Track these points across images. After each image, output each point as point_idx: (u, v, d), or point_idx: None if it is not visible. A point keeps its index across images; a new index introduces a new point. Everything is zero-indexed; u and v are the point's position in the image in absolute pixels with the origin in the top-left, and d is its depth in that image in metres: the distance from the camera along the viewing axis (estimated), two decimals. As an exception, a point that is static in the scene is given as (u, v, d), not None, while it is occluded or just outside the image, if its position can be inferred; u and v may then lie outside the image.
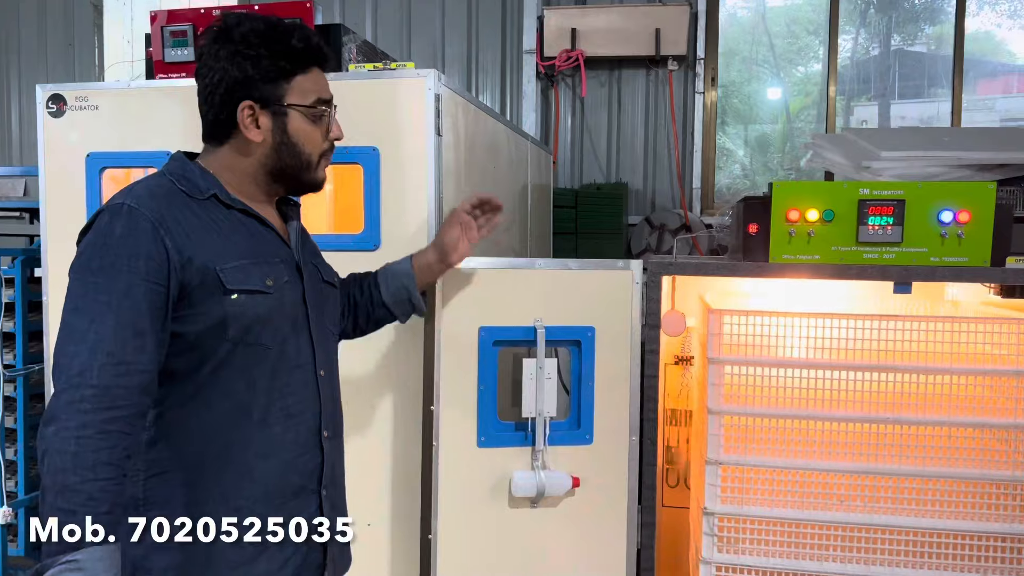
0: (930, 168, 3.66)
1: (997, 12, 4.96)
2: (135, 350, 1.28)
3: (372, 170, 2.20)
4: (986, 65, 5.06)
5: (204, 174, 1.45)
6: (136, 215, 1.33)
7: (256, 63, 1.42)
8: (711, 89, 4.89)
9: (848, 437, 2.20)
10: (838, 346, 2.20)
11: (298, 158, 1.49)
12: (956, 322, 2.22)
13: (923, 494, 2.18)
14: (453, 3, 5.10)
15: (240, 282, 1.39)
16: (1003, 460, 2.15)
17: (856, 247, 2.05)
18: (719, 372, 2.21)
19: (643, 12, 4.68)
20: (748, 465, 2.20)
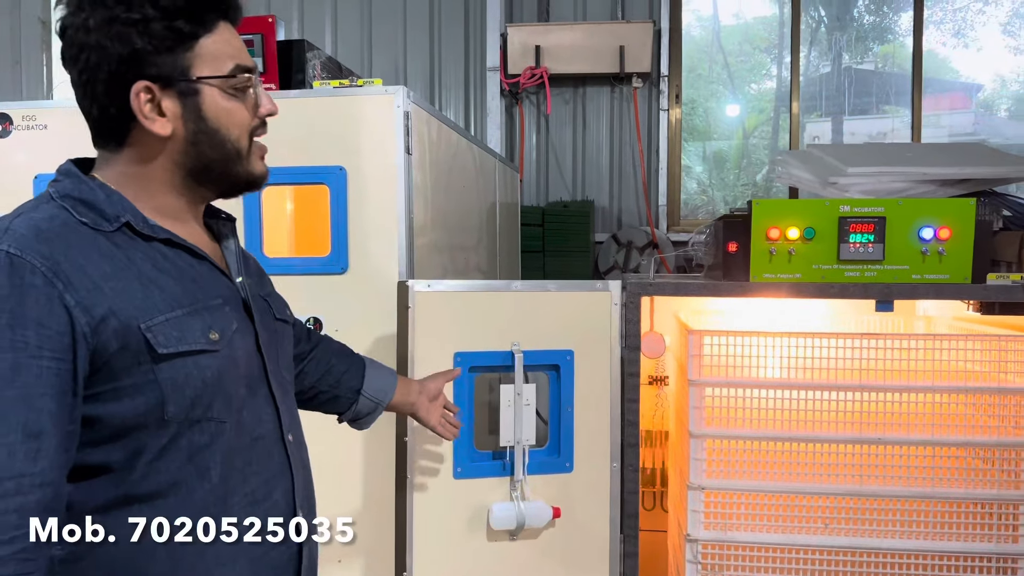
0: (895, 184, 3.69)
1: (942, 31, 5.08)
2: (27, 458, 0.92)
3: (339, 190, 2.12)
4: (933, 82, 5.17)
5: (108, 194, 1.07)
6: (19, 266, 0.95)
7: (143, 28, 1.04)
8: (675, 106, 4.90)
9: (832, 458, 2.16)
10: (818, 365, 2.16)
11: (223, 148, 1.11)
12: (937, 339, 2.20)
13: (908, 515, 2.15)
14: (415, 20, 5.04)
15: (176, 341, 1.04)
16: (987, 479, 2.12)
17: (838, 265, 2.02)
18: (700, 394, 2.16)
19: (607, 29, 4.67)
20: (731, 490, 2.15)
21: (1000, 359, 2.12)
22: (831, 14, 5.18)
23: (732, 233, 2.08)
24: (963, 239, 1.98)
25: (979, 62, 5.00)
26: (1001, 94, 5.03)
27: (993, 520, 2.11)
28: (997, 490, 2.09)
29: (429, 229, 2.34)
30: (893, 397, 2.14)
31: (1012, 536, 2.09)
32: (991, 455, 2.12)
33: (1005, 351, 2.11)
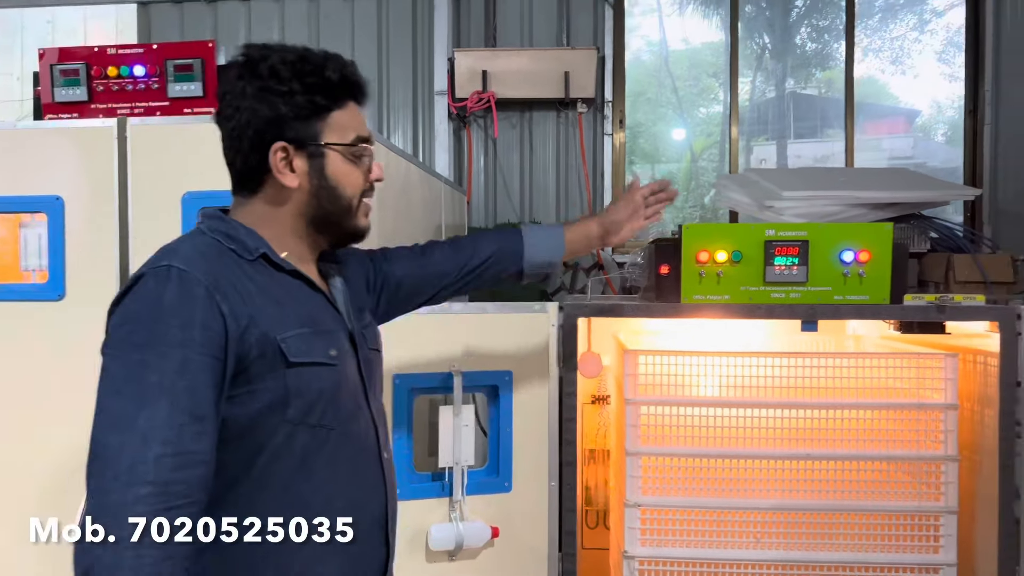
0: (828, 207, 3.82)
1: (880, 59, 5.28)
2: (194, 437, 1.09)
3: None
4: (873, 108, 5.36)
5: (250, 232, 1.27)
6: (187, 278, 1.15)
7: (288, 99, 1.25)
8: (619, 131, 5.00)
9: (764, 474, 2.23)
10: (751, 384, 2.23)
11: (339, 203, 1.31)
12: (861, 358, 2.30)
13: (837, 528, 2.22)
14: (362, 43, 5.07)
15: (304, 353, 1.22)
16: (909, 491, 2.21)
17: (764, 287, 2.10)
18: (636, 413, 2.21)
19: (552, 56, 4.75)
20: (667, 506, 2.20)
21: (919, 376, 2.22)
22: (775, 41, 5.36)
23: (664, 256, 2.15)
24: (881, 262, 2.07)
25: (916, 89, 5.20)
26: (937, 119, 5.23)
27: (916, 531, 2.20)
28: (919, 502, 2.17)
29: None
30: (820, 414, 2.22)
31: (934, 547, 2.17)
32: (913, 468, 2.21)
33: (924, 368, 2.21)
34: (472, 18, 5.00)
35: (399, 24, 5.06)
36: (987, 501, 2.14)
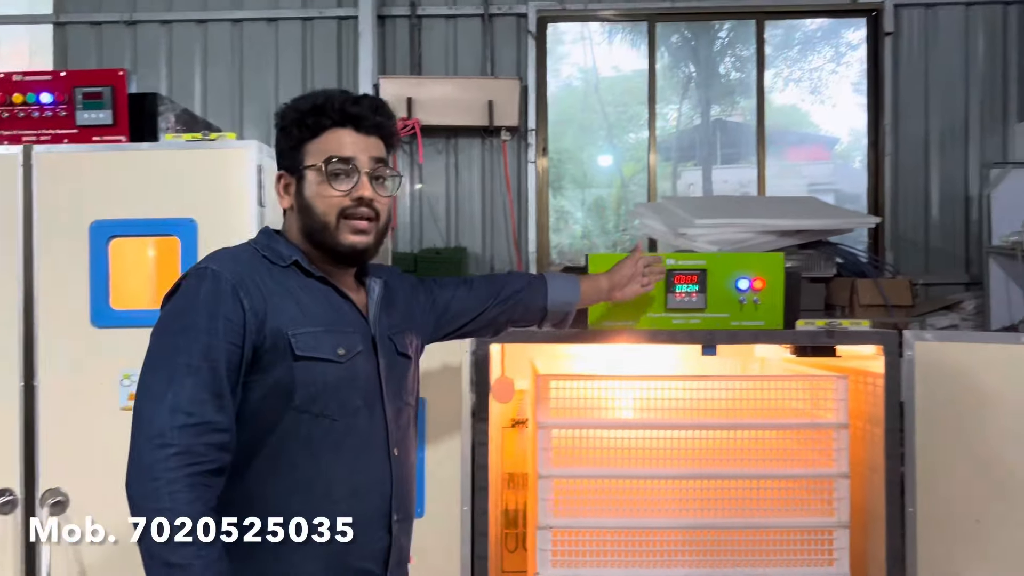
0: (739, 235, 3.99)
1: (800, 88, 5.52)
2: (214, 410, 1.29)
3: (190, 242, 2.12)
4: (794, 135, 5.60)
5: (287, 244, 1.49)
6: (218, 277, 1.37)
7: (280, 135, 1.52)
8: (542, 157, 5.11)
9: (671, 493, 2.30)
10: (659, 406, 2.31)
11: (316, 219, 1.47)
12: (760, 380, 2.40)
13: (742, 545, 2.31)
14: (286, 68, 5.08)
15: (311, 348, 1.39)
16: (807, 508, 2.31)
17: (666, 313, 2.19)
18: (547, 436, 2.26)
19: (476, 85, 4.85)
20: (578, 528, 2.25)
21: (814, 397, 2.34)
22: (700, 70, 5.55)
23: (573, 284, 2.21)
24: (775, 289, 2.18)
25: (835, 117, 5.44)
26: (855, 147, 5.48)
27: (813, 546, 2.30)
28: (814, 518, 2.28)
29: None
30: (724, 434, 2.31)
31: (828, 560, 2.28)
32: (809, 485, 2.32)
33: (818, 389, 2.33)
34: (397, 46, 5.07)
35: (323, 50, 5.10)
36: (878, 515, 2.25)
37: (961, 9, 5.01)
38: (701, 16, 5.22)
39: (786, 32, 5.44)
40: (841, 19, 5.26)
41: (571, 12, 5.11)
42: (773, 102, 5.46)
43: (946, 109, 5.02)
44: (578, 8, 5.08)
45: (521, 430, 2.93)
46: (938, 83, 5.02)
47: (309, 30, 5.11)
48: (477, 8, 5.05)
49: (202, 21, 5.10)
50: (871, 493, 2.32)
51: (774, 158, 5.41)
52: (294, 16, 5.08)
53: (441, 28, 5.09)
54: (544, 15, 5.09)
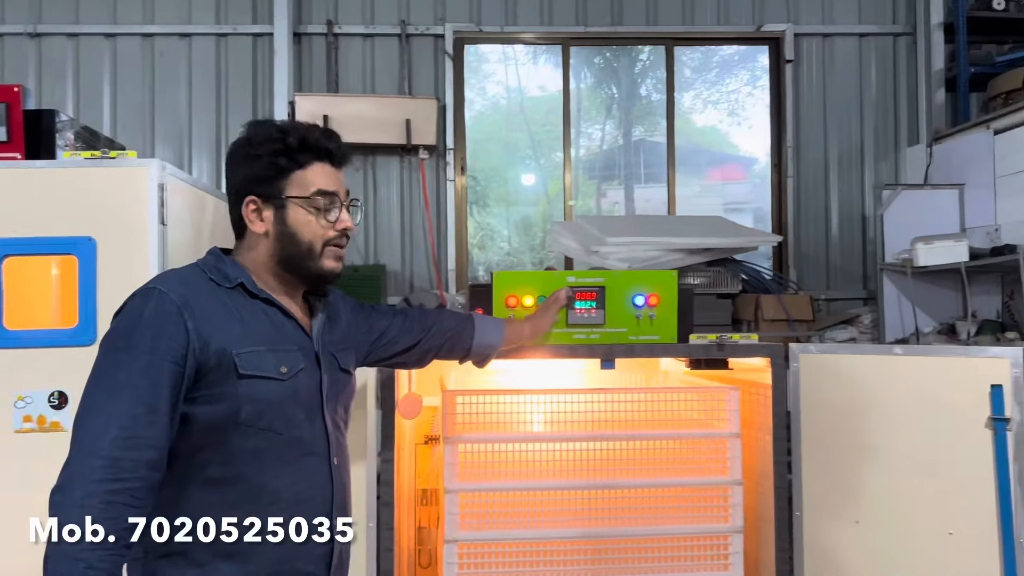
0: (649, 252, 4.12)
1: (719, 110, 5.72)
2: (146, 425, 1.34)
3: (87, 261, 2.10)
4: (714, 156, 5.79)
5: (234, 266, 1.55)
6: (164, 298, 1.42)
7: (257, 162, 1.53)
8: (461, 176, 5.17)
9: (574, 504, 2.37)
10: (565, 419, 2.38)
11: (299, 246, 1.55)
12: (660, 392, 2.50)
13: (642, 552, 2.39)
14: (200, 83, 5.02)
15: (255, 367, 1.46)
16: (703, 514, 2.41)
17: (567, 328, 2.26)
18: (454, 451, 2.30)
19: (393, 103, 4.89)
20: (482, 540, 2.29)
21: (709, 407, 2.45)
22: (622, 92, 5.70)
23: (477, 300, 2.28)
24: (669, 305, 2.28)
25: (752, 139, 5.63)
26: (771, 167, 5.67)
27: (709, 551, 2.40)
28: (710, 524, 2.38)
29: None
30: (625, 444, 2.39)
31: (724, 564, 2.38)
32: (705, 492, 2.42)
33: (713, 400, 2.43)
34: (314, 63, 5.07)
35: (238, 65, 5.05)
36: (769, 520, 2.37)
37: (855, 40, 5.30)
38: (614, 41, 5.38)
39: (705, 55, 5.63)
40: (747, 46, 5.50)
41: (488, 34, 5.20)
42: (694, 123, 5.64)
43: (843, 133, 5.29)
44: (494, 31, 5.18)
45: (434, 446, 2.96)
46: (835, 109, 5.29)
47: (223, 46, 5.06)
48: (394, 28, 5.09)
49: (111, 35, 4.98)
50: (763, 499, 2.43)
51: (695, 177, 5.58)
52: (208, 32, 5.02)
53: (358, 47, 5.11)
54: (461, 36, 5.17)
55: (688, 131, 5.66)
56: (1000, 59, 5.04)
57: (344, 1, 5.09)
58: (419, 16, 5.13)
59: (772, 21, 5.25)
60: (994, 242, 4.25)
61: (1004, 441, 2.07)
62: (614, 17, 5.24)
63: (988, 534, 2.09)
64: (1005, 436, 2.07)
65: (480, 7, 5.17)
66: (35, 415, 2.09)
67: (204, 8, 5.04)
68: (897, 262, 4.49)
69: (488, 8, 5.17)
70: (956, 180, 4.70)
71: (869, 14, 5.30)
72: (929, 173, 4.93)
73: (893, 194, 4.72)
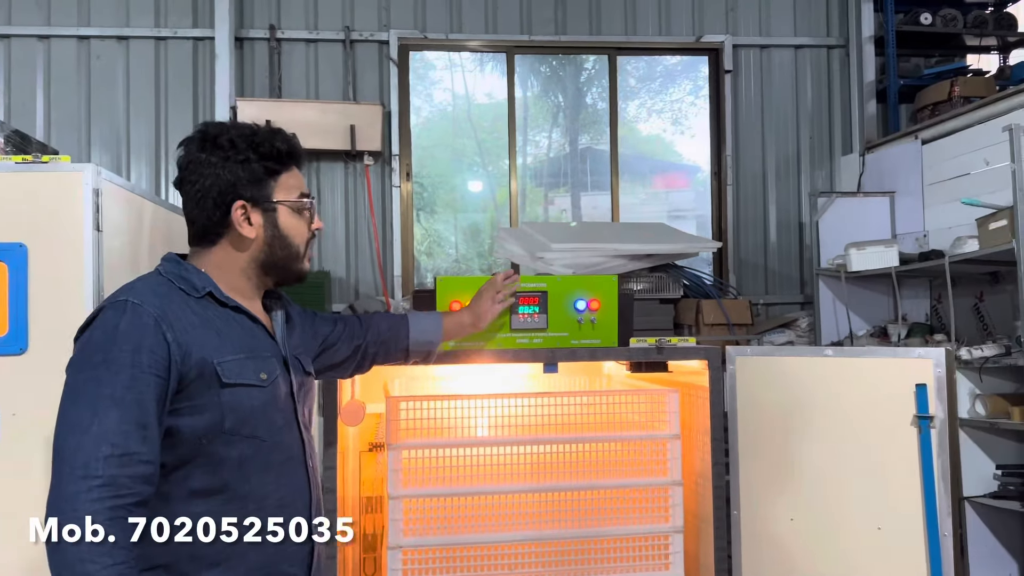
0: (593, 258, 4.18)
1: (663, 119, 5.82)
2: (139, 441, 1.32)
3: (18, 268, 2.05)
4: (658, 164, 5.88)
5: (199, 273, 1.53)
6: (139, 310, 1.39)
7: (246, 166, 1.52)
8: (406, 182, 5.17)
9: (518, 507, 2.39)
10: (508, 423, 2.40)
11: (289, 249, 1.58)
12: (602, 395, 2.54)
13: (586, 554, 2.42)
14: (139, 86, 4.92)
15: (236, 375, 1.46)
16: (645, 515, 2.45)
17: (511, 333, 2.28)
18: (397, 457, 2.30)
19: (337, 109, 4.86)
20: (426, 546, 2.30)
21: (650, 410, 2.49)
22: (567, 100, 5.76)
23: (422, 305, 2.28)
24: (609, 309, 2.32)
25: (695, 147, 5.75)
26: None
27: (651, 551, 2.44)
28: (651, 524, 2.42)
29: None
30: (568, 447, 2.42)
31: (665, 564, 2.42)
32: (647, 494, 2.46)
33: (653, 403, 2.48)
34: (256, 68, 5.02)
35: (178, 69, 4.97)
36: (708, 520, 2.42)
37: (791, 51, 5.46)
38: (558, 50, 5.45)
39: (649, 65, 5.73)
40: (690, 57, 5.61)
41: (432, 41, 5.21)
42: (639, 132, 5.74)
43: (780, 142, 5.44)
44: (439, 38, 5.20)
45: (379, 453, 2.94)
46: (773, 118, 5.44)
47: (163, 50, 4.97)
48: (338, 34, 5.07)
49: (44, 37, 4.85)
50: (702, 499, 2.49)
51: (640, 185, 5.68)
52: (146, 35, 4.93)
53: (302, 52, 5.08)
54: (406, 43, 5.17)
55: (633, 140, 5.75)
56: (927, 72, 5.25)
57: (287, 6, 5.05)
58: (363, 22, 5.12)
59: (711, 32, 5.38)
60: (922, 248, 4.42)
61: (928, 438, 2.16)
62: (558, 26, 5.30)
63: (914, 528, 2.18)
64: (929, 433, 2.16)
65: (425, 14, 5.18)
66: (-37, 425, 2.03)
67: (142, 11, 4.95)
68: (832, 267, 4.63)
69: (433, 15, 5.19)
70: (887, 188, 4.88)
71: (804, 27, 5.47)
72: (862, 181, 5.11)
73: (828, 201, 4.87)
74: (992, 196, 3.69)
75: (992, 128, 4.01)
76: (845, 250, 4.44)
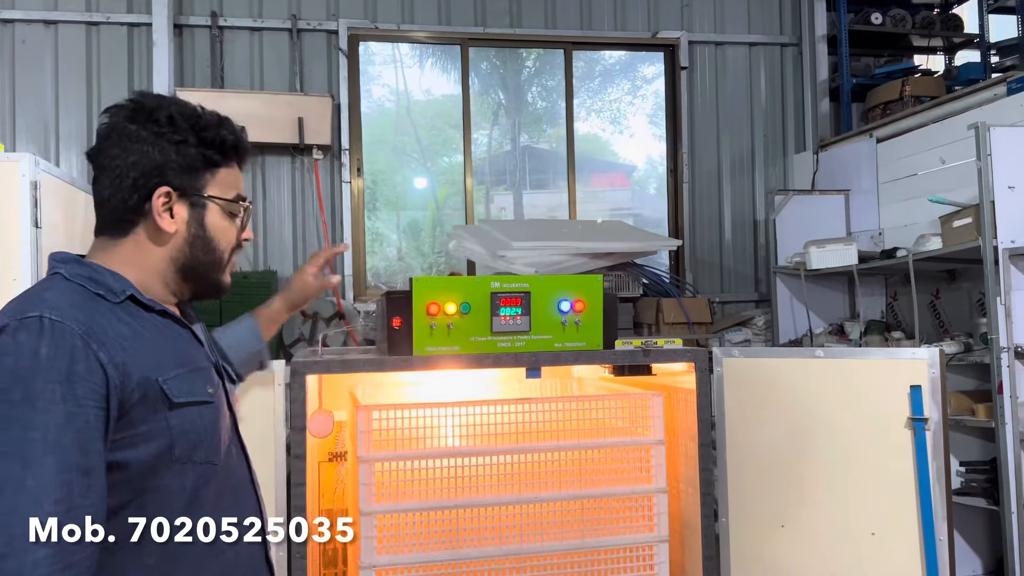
0: (554, 257, 4.08)
1: (601, 119, 5.77)
2: (84, 492, 1.08)
3: (-56, 269, 1.83)
4: (597, 163, 5.83)
5: (112, 274, 1.26)
6: (61, 329, 1.12)
7: (181, 149, 1.28)
8: (357, 178, 4.98)
9: (497, 520, 2.26)
10: (485, 431, 2.27)
11: (212, 254, 1.34)
12: (582, 400, 2.43)
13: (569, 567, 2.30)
14: (68, 74, 4.62)
15: (186, 393, 1.24)
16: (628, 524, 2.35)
17: (491, 336, 2.15)
18: (369, 471, 2.15)
19: (285, 100, 4.64)
20: (402, 564, 2.15)
21: (632, 415, 2.39)
22: (508, 98, 5.64)
23: (396, 309, 2.13)
24: (594, 311, 2.21)
25: (632, 146, 5.72)
26: (651, 174, 5.79)
27: (635, 562, 2.34)
28: (635, 534, 2.32)
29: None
30: (547, 456, 2.31)
31: (650, 574, 2.33)
32: (630, 502, 2.36)
33: (636, 407, 2.38)
34: (197, 57, 4.76)
35: (112, 56, 4.68)
36: (695, 527, 2.33)
37: (745, 48, 5.46)
38: (513, 43, 5.33)
39: (587, 64, 5.68)
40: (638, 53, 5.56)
41: (384, 32, 5.03)
42: (577, 130, 5.68)
43: (735, 140, 5.44)
44: (391, 28, 5.02)
45: (339, 464, 2.78)
46: (728, 115, 5.43)
47: (95, 35, 4.66)
48: (284, 22, 4.84)
49: (-36, 19, 4.52)
50: (688, 506, 2.40)
51: (579, 184, 5.63)
52: (77, 20, 4.62)
53: (245, 40, 4.83)
54: (356, 33, 4.97)
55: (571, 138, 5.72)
56: (878, 71, 5.31)
57: (230, -8, 4.81)
58: (310, 11, 4.91)
59: (667, 28, 5.34)
60: (877, 245, 4.45)
61: (923, 441, 2.12)
62: (513, 19, 5.18)
63: (909, 532, 2.13)
64: (924, 436, 2.12)
65: (376, 3, 5.00)
66: None
67: (72, -7, 4.64)
68: (789, 265, 4.64)
69: (384, 5, 5.01)
70: (841, 186, 4.91)
71: (758, 24, 5.48)
72: (816, 179, 5.14)
73: (784, 199, 4.88)
74: (950, 193, 3.72)
75: (947, 127, 4.06)
76: (805, 248, 4.44)
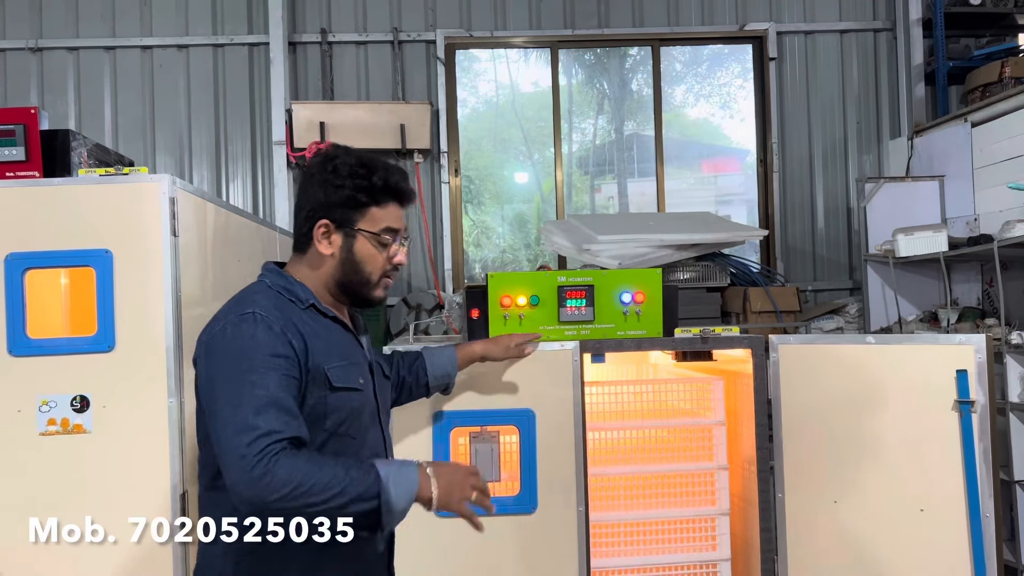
0: (639, 249, 4.25)
1: (711, 104, 5.82)
2: (297, 428, 1.49)
3: (105, 272, 2.22)
4: (708, 148, 5.88)
5: (301, 287, 1.69)
6: (267, 322, 1.56)
7: (339, 191, 1.65)
8: (455, 177, 5.30)
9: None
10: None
11: (359, 275, 1.70)
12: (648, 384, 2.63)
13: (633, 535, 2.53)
14: (198, 93, 5.13)
15: (343, 380, 1.63)
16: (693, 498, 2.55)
17: (559, 326, 2.39)
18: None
19: (388, 109, 5.01)
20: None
21: (698, 397, 2.58)
22: (613, 87, 5.80)
23: (474, 301, 2.40)
24: (654, 301, 2.41)
25: (744, 131, 5.73)
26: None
27: (698, 533, 2.54)
28: (699, 507, 2.52)
29: (210, 299, 2.46)
30: (618, 435, 2.53)
31: (712, 545, 2.52)
32: (693, 478, 2.56)
33: (699, 391, 2.57)
34: (309, 72, 5.19)
35: (235, 76, 5.17)
36: (753, 502, 2.50)
37: (836, 36, 5.43)
38: (601, 43, 5.50)
39: (694, 50, 5.73)
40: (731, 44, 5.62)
41: (478, 39, 5.32)
42: (686, 116, 5.74)
43: (827, 128, 5.42)
44: (484, 36, 5.30)
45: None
46: (819, 104, 5.42)
47: (220, 57, 5.17)
48: (387, 35, 5.21)
49: (110, 48, 5.10)
50: (748, 483, 2.57)
51: (689, 170, 5.68)
52: (205, 43, 5.14)
53: (352, 54, 5.23)
54: (452, 42, 5.29)
55: (680, 124, 5.76)
56: (978, 53, 5.17)
57: (337, 10, 5.21)
58: (411, 23, 5.25)
59: (755, 20, 5.38)
60: (973, 232, 4.39)
61: (970, 422, 2.21)
62: (601, 19, 5.36)
63: (957, 509, 2.23)
64: (970, 418, 2.21)
65: (470, 13, 5.28)
66: (59, 418, 2.21)
67: (200, 19, 5.15)
68: (880, 253, 4.62)
69: (478, 13, 5.29)
70: (937, 172, 4.83)
71: (849, 11, 5.42)
72: (910, 165, 5.06)
73: (876, 187, 4.85)
74: (1044, 179, 3.66)
75: (1044, 109, 3.97)
76: (893, 236, 4.43)
